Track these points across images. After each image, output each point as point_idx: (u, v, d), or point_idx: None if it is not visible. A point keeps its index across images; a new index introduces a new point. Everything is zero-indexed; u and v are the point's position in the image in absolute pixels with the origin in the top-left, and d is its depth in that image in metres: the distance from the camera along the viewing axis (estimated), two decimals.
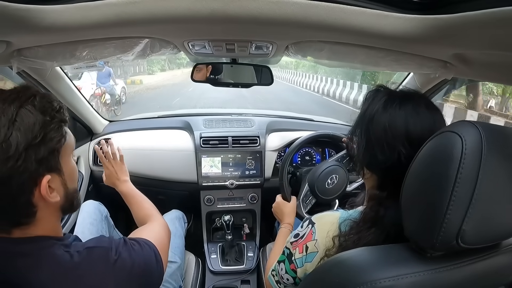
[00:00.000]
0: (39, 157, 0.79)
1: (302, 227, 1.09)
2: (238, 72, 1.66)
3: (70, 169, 0.92)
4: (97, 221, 1.73)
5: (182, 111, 2.93)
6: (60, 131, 0.85)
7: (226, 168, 2.27)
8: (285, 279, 1.13)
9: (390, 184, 0.93)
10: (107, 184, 1.64)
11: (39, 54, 1.11)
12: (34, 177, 0.80)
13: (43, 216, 0.85)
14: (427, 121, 0.92)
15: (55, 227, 0.91)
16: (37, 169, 0.79)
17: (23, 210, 0.82)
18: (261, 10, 0.81)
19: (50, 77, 1.68)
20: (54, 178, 0.84)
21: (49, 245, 0.84)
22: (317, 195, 1.84)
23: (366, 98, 1.04)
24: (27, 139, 0.76)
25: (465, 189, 0.66)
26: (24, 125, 0.77)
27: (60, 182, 0.87)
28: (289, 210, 1.76)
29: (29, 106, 0.79)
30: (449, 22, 0.75)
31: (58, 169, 0.86)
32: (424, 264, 0.73)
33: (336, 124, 2.69)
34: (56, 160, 0.84)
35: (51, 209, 0.87)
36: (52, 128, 0.82)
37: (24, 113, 0.78)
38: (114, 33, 1.02)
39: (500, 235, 0.75)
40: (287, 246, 1.12)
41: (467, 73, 1.19)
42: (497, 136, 0.69)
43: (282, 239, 1.56)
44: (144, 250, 0.98)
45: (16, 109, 0.77)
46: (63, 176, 0.87)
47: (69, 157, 0.91)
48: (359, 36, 0.92)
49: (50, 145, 0.81)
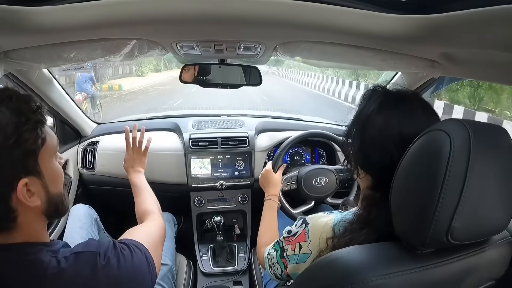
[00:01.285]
0: (13, 160, 0.76)
1: (295, 225, 1.10)
2: (226, 73, 1.66)
3: (52, 172, 0.88)
4: (87, 224, 1.71)
5: (171, 113, 2.92)
6: (36, 132, 0.81)
7: (216, 169, 2.26)
8: (275, 267, 1.15)
9: (384, 185, 0.90)
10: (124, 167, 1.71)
11: (26, 56, 1.10)
12: (10, 181, 0.77)
13: (25, 221, 0.82)
14: (422, 123, 0.88)
15: (40, 233, 0.88)
16: (12, 173, 0.77)
17: (2, 215, 0.79)
18: (249, 11, 0.81)
19: (37, 80, 1.66)
20: (33, 181, 0.81)
21: (35, 252, 0.82)
22: (300, 184, 1.93)
23: (363, 98, 1.03)
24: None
25: (454, 186, 0.66)
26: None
27: (40, 185, 0.83)
28: (275, 181, 1.80)
29: (3, 107, 0.76)
30: (437, 21, 0.75)
31: (37, 171, 0.82)
32: (415, 262, 0.74)
33: (325, 124, 2.70)
34: (33, 163, 0.81)
35: (32, 214, 0.83)
36: (26, 129, 0.78)
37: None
38: (102, 35, 1.01)
39: (489, 231, 0.76)
40: (280, 239, 1.14)
41: (454, 72, 1.20)
42: (485, 134, 0.70)
43: (269, 212, 1.62)
44: (135, 254, 0.95)
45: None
46: (43, 179, 0.84)
47: (50, 159, 0.87)
48: (348, 36, 0.93)
49: (26, 147, 0.78)
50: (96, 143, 2.29)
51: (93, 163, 2.24)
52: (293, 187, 1.97)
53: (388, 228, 0.84)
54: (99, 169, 2.25)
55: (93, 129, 2.41)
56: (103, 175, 2.26)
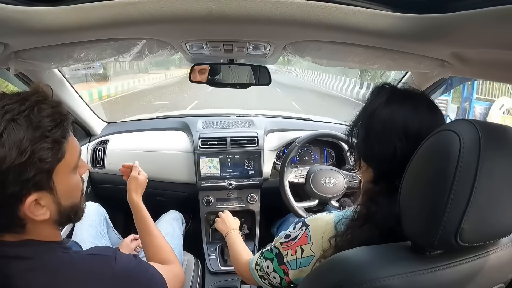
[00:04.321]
0: (24, 178, 0.72)
1: (294, 229, 1.08)
2: (236, 73, 1.66)
3: (68, 187, 0.84)
4: (96, 222, 1.73)
5: (180, 112, 2.93)
6: (54, 151, 0.77)
7: (225, 168, 2.27)
8: (271, 276, 1.12)
9: (384, 178, 0.95)
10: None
11: (36, 56, 1.11)
12: (18, 196, 0.74)
13: (35, 228, 0.81)
14: (426, 120, 0.93)
15: (52, 234, 0.87)
16: (21, 189, 0.73)
17: (12, 222, 0.78)
18: (259, 10, 0.81)
19: (47, 79, 1.68)
20: (44, 196, 0.78)
21: (48, 249, 0.82)
22: (309, 180, 1.97)
23: (372, 93, 1.06)
24: (10, 157, 0.70)
25: (463, 187, 0.66)
26: (10, 141, 0.70)
27: (51, 199, 0.80)
28: (231, 220, 1.84)
29: (22, 119, 0.72)
30: (446, 21, 0.75)
31: (50, 187, 0.79)
32: (424, 263, 0.73)
33: (334, 123, 2.69)
34: (47, 180, 0.77)
35: (41, 223, 0.81)
36: (43, 147, 0.74)
37: (15, 127, 0.71)
38: (112, 35, 1.02)
39: (498, 233, 0.75)
40: (275, 245, 1.11)
41: (465, 72, 1.19)
42: (495, 134, 0.70)
43: (234, 243, 1.60)
44: (150, 267, 0.97)
45: (5, 122, 0.71)
46: (55, 194, 0.80)
47: (67, 174, 0.83)
48: (357, 35, 0.93)
49: (39, 166, 0.74)
50: (105, 142, 2.31)
51: (103, 162, 2.27)
52: (300, 180, 2.00)
53: (389, 224, 0.85)
54: (109, 168, 2.28)
55: (102, 128, 2.43)
56: (112, 173, 2.28)
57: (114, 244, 1.75)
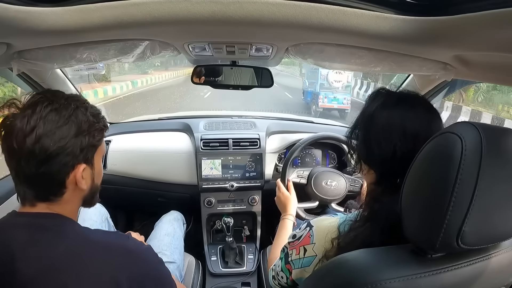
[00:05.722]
0: (83, 146, 0.93)
1: (300, 229, 1.10)
2: (238, 74, 1.66)
3: (99, 167, 1.06)
4: (98, 222, 1.73)
5: (182, 113, 2.94)
6: (102, 133, 1.01)
7: (226, 170, 2.27)
8: (280, 276, 1.15)
9: (386, 179, 0.97)
10: None
11: (39, 56, 1.11)
12: (74, 162, 0.93)
13: (68, 199, 0.96)
14: (423, 119, 0.95)
15: (74, 212, 1.02)
16: (78, 156, 0.94)
17: (55, 188, 0.94)
18: (261, 12, 0.81)
19: (50, 79, 1.68)
20: (87, 169, 0.98)
21: (68, 223, 0.95)
22: (310, 181, 1.97)
23: (368, 98, 1.07)
24: (77, 130, 0.92)
25: (465, 190, 0.65)
26: (77, 120, 0.92)
27: (90, 174, 1.00)
28: (291, 200, 1.82)
29: (82, 109, 0.95)
30: (449, 23, 0.75)
31: (92, 163, 1.00)
32: (425, 266, 0.73)
33: (336, 126, 2.70)
34: (92, 155, 0.99)
35: (76, 195, 0.99)
36: (96, 128, 0.98)
37: (80, 112, 0.94)
38: (115, 36, 1.02)
39: (500, 236, 0.75)
40: (285, 245, 1.14)
41: (467, 75, 1.19)
42: (497, 137, 0.69)
43: (283, 231, 1.62)
44: (161, 260, 1.05)
45: (74, 107, 0.93)
46: (93, 170, 1.02)
47: (100, 157, 1.06)
48: (359, 37, 0.93)
49: (92, 141, 0.96)
50: (108, 143, 2.31)
51: (105, 163, 2.27)
52: (302, 181, 2.00)
53: (390, 222, 0.85)
54: (111, 168, 2.28)
55: None
56: (114, 174, 2.29)
57: None
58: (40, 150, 0.87)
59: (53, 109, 0.90)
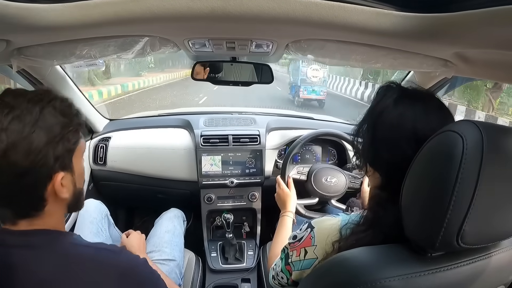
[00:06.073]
0: (56, 155, 0.85)
1: (300, 230, 1.06)
2: (238, 71, 1.66)
3: (80, 170, 0.97)
4: (97, 219, 1.73)
5: (182, 110, 2.93)
6: (77, 134, 0.92)
7: (226, 166, 2.27)
8: (279, 276, 1.13)
9: (392, 184, 0.88)
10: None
11: (39, 53, 1.11)
12: (50, 173, 0.86)
13: (51, 211, 0.90)
14: (436, 122, 0.86)
15: (60, 223, 0.96)
16: (54, 165, 0.85)
17: (34, 202, 0.87)
18: (261, 9, 0.81)
19: (50, 76, 1.68)
20: (66, 176, 0.90)
21: (56, 237, 0.90)
22: (310, 177, 1.97)
23: (377, 94, 1.00)
24: (48, 137, 0.83)
25: (466, 189, 0.65)
26: (46, 125, 0.83)
27: (70, 180, 0.92)
28: (291, 197, 1.81)
29: (50, 108, 0.85)
30: (450, 20, 0.74)
31: (71, 168, 0.92)
32: (424, 264, 0.73)
33: (336, 122, 2.69)
34: (69, 160, 0.91)
35: (58, 204, 0.92)
36: (70, 130, 0.88)
37: (47, 114, 0.84)
38: (114, 32, 1.02)
39: (500, 235, 0.75)
40: (286, 245, 1.11)
41: (468, 72, 1.19)
42: (498, 136, 0.69)
43: (283, 228, 1.60)
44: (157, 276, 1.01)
45: (40, 109, 0.83)
46: (73, 175, 0.93)
47: (80, 158, 0.97)
48: (360, 34, 0.92)
49: (67, 145, 0.88)
50: (108, 139, 2.31)
51: (105, 159, 2.27)
52: (302, 177, 2.00)
53: (394, 230, 0.82)
54: (111, 165, 2.28)
55: (104, 125, 2.43)
56: (114, 171, 2.29)
57: (115, 241, 1.75)
58: (9, 167, 0.80)
59: (14, 116, 0.80)
